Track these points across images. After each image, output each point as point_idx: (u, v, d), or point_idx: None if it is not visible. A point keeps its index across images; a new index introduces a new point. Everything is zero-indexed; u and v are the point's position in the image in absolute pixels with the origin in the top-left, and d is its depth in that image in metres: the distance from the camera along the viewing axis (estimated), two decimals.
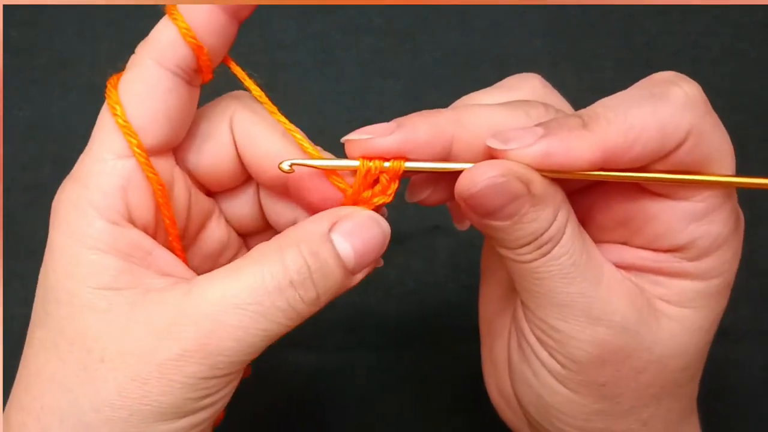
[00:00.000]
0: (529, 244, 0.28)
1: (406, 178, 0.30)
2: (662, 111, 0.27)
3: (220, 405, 0.28)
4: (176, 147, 0.31)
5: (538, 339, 0.30)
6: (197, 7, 0.28)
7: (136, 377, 0.26)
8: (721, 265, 0.29)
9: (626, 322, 0.28)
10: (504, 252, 0.29)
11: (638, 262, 0.30)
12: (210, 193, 0.34)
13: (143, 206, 0.29)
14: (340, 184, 0.30)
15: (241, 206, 0.34)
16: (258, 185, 0.34)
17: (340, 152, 0.31)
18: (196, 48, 0.28)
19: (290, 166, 0.29)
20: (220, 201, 0.34)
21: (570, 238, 0.28)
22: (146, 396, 0.26)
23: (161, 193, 0.29)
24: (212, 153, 0.31)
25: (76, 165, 0.29)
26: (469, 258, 0.53)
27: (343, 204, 0.30)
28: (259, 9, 0.28)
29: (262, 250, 0.28)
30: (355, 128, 0.30)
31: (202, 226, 0.33)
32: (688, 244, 0.28)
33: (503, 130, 0.28)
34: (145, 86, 0.28)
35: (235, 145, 0.31)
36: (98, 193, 0.28)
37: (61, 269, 0.28)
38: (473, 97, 0.32)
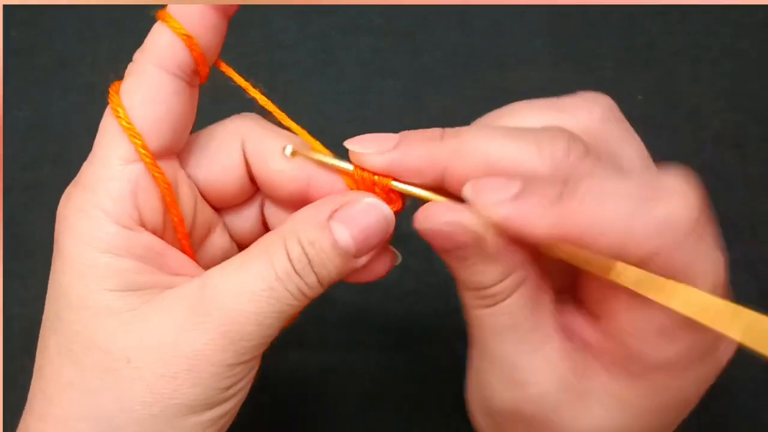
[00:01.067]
0: (472, 290, 0.28)
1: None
2: (635, 221, 0.24)
3: (243, 394, 0.29)
4: (185, 162, 0.31)
5: (471, 374, 0.31)
6: (188, 7, 0.28)
7: (165, 372, 0.27)
8: (673, 387, 0.27)
9: (544, 396, 0.28)
10: (458, 286, 0.29)
11: (595, 345, 0.28)
12: (215, 208, 0.34)
13: (152, 209, 0.29)
14: (347, 181, 0.31)
15: (244, 221, 0.35)
16: (263, 201, 0.34)
17: (340, 151, 0.31)
18: (193, 48, 0.28)
19: (292, 153, 0.30)
20: (223, 215, 0.35)
21: (515, 302, 0.28)
22: (176, 390, 0.27)
23: (168, 192, 0.29)
24: (221, 172, 0.32)
25: (81, 171, 0.29)
26: None
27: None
28: (259, 9, 0.29)
29: (268, 240, 0.29)
30: (356, 128, 0.30)
31: (206, 236, 0.34)
32: (639, 352, 0.26)
33: (480, 180, 0.27)
34: (148, 91, 0.28)
35: (246, 165, 0.32)
36: (108, 199, 0.28)
37: (73, 274, 0.28)
38: (509, 111, 0.30)
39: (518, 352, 0.28)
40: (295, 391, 0.52)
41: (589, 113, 0.29)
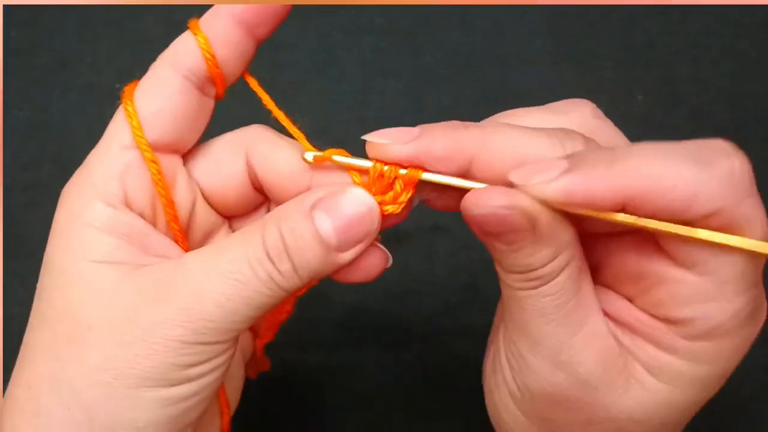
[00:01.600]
0: (520, 273, 0.28)
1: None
2: (701, 176, 0.25)
3: (206, 382, 0.29)
4: (192, 169, 0.32)
5: (507, 359, 0.31)
6: (214, 19, 0.30)
7: (121, 341, 0.27)
8: (716, 354, 0.28)
9: (589, 376, 0.28)
10: (498, 269, 0.29)
11: (634, 323, 0.29)
12: (223, 215, 0.35)
13: (141, 193, 0.30)
14: (356, 179, 0.30)
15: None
16: (269, 208, 0.34)
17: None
18: (210, 61, 0.30)
19: (313, 158, 0.30)
20: (232, 222, 0.35)
21: (562, 281, 0.28)
22: (132, 359, 0.27)
23: (156, 170, 0.30)
24: (223, 181, 0.32)
25: (88, 156, 0.31)
26: (469, 258, 0.53)
27: None
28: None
29: (249, 227, 0.29)
30: (356, 128, 0.30)
31: (208, 237, 0.34)
32: (685, 320, 0.27)
33: (527, 166, 0.27)
34: (156, 84, 0.30)
35: (249, 175, 0.32)
36: (99, 177, 0.29)
37: (57, 245, 0.29)
38: (511, 115, 0.31)
39: (563, 332, 0.28)
40: (296, 391, 0.52)
41: (580, 114, 0.30)
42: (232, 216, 0.35)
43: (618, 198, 0.25)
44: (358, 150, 0.30)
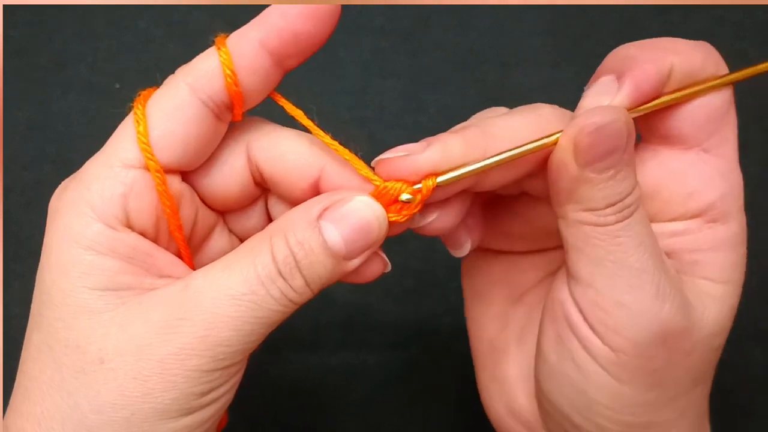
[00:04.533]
0: (614, 204, 0.28)
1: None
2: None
3: (224, 402, 0.28)
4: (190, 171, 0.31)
5: (592, 324, 0.29)
6: (242, 43, 0.28)
7: (137, 375, 0.26)
8: (743, 230, 0.30)
9: (684, 300, 0.29)
10: (583, 216, 0.29)
11: (675, 245, 0.30)
12: (218, 210, 0.33)
13: (143, 214, 0.28)
14: (367, 174, 0.29)
15: (248, 219, 0.34)
16: (266, 198, 0.33)
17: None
18: (232, 84, 0.28)
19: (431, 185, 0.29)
20: (227, 215, 0.34)
21: (642, 208, 0.29)
22: (148, 394, 0.26)
23: (172, 206, 0.29)
24: (225, 182, 0.31)
25: (83, 167, 0.29)
26: None
27: None
28: (259, 9, 0.28)
29: (254, 241, 0.28)
30: (356, 128, 0.30)
31: (206, 238, 0.33)
32: (718, 199, 0.29)
33: (585, 94, 0.30)
34: (171, 107, 0.28)
35: (250, 170, 0.31)
36: (98, 197, 0.27)
37: (56, 270, 0.27)
38: (480, 115, 0.32)
39: (657, 261, 0.28)
40: (295, 390, 0.52)
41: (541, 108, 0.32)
42: (228, 211, 0.33)
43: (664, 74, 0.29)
44: (359, 151, 0.30)
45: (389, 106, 0.58)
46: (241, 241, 0.34)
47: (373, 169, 0.29)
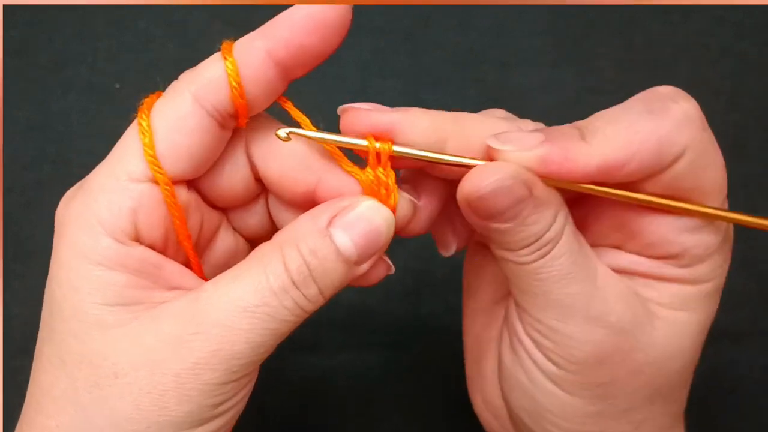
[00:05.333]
0: (530, 245, 0.28)
1: (397, 169, 0.30)
2: (661, 127, 0.27)
3: (236, 410, 0.28)
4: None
5: (535, 342, 0.30)
6: (248, 53, 0.27)
7: (152, 390, 0.26)
8: (713, 270, 0.29)
9: (622, 322, 0.29)
10: (505, 254, 0.29)
11: (632, 267, 0.30)
12: (220, 207, 0.33)
13: (152, 228, 0.28)
14: (350, 169, 0.30)
15: (249, 217, 0.34)
16: (267, 198, 0.33)
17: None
18: (238, 96, 0.27)
19: (287, 134, 0.29)
20: (230, 212, 0.34)
21: (568, 239, 0.28)
22: (164, 407, 0.26)
23: (181, 221, 0.29)
24: (227, 180, 0.31)
25: (90, 176, 0.29)
26: None
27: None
28: (259, 9, 0.28)
29: (264, 250, 0.28)
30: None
31: (211, 240, 0.33)
32: (681, 253, 0.29)
33: (503, 132, 0.28)
34: (176, 118, 0.28)
35: (251, 168, 0.31)
36: (107, 211, 0.27)
37: (66, 284, 0.27)
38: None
39: (584, 289, 0.28)
40: (296, 391, 0.52)
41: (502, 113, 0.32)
42: (231, 208, 0.33)
43: (593, 169, 0.27)
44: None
45: (389, 105, 0.58)
46: (245, 238, 0.35)
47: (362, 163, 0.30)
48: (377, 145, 0.28)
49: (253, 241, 0.36)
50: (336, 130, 0.30)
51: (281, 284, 0.27)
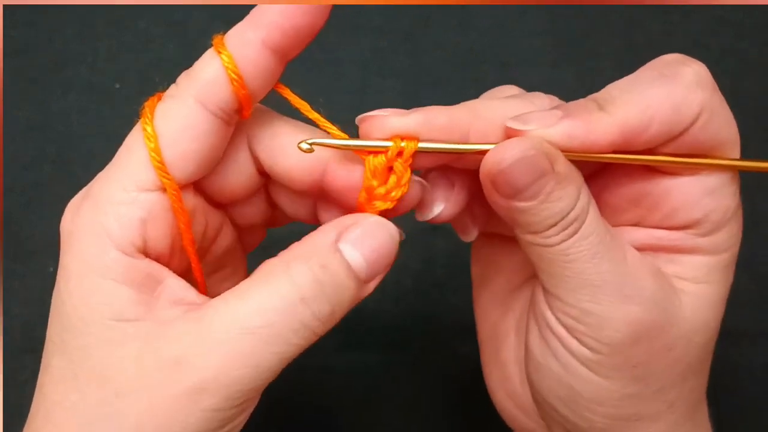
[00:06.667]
0: (556, 224, 0.28)
1: (417, 170, 0.30)
2: (675, 90, 0.27)
3: (239, 428, 0.28)
4: None
5: (567, 328, 0.29)
6: (246, 46, 0.27)
7: (152, 412, 0.26)
8: (730, 238, 0.30)
9: (655, 297, 0.29)
10: (531, 238, 0.29)
11: (652, 242, 0.30)
12: (218, 203, 0.33)
13: (160, 239, 0.28)
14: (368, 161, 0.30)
15: (248, 208, 0.34)
16: (267, 190, 0.33)
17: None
18: (240, 88, 0.27)
19: (310, 144, 0.29)
20: (228, 206, 0.34)
21: (594, 217, 0.28)
22: (164, 430, 0.26)
23: (187, 229, 0.28)
24: (233, 174, 0.31)
25: (94, 184, 0.28)
26: (468, 258, 0.53)
27: (359, 196, 0.30)
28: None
29: (270, 268, 0.27)
30: (355, 128, 0.30)
31: (213, 241, 0.33)
32: (702, 218, 0.29)
33: (523, 114, 0.28)
34: (181, 124, 0.27)
35: (254, 161, 0.31)
36: (115, 223, 0.27)
37: (76, 297, 0.27)
38: (488, 93, 0.33)
39: (616, 267, 0.28)
40: (295, 391, 0.52)
41: (515, 89, 0.34)
42: (232, 203, 0.33)
43: (616, 138, 0.27)
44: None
45: (389, 105, 0.57)
46: (242, 227, 0.34)
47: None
48: (403, 144, 0.28)
49: (249, 230, 0.35)
50: (336, 128, 0.30)
51: (288, 303, 0.26)
